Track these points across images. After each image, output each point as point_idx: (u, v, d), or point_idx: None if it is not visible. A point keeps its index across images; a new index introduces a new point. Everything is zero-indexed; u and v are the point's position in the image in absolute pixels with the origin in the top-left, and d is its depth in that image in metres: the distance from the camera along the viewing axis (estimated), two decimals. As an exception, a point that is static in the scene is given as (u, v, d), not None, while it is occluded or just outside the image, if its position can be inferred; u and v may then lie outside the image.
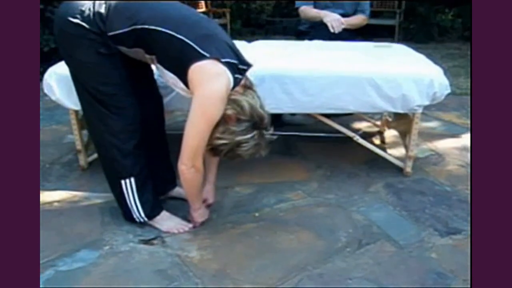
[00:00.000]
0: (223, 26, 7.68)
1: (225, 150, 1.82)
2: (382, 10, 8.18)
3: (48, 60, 4.21)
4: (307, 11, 3.22)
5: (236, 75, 1.79)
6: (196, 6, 7.50)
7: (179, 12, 1.84)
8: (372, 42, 3.07)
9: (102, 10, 1.77)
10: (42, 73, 2.43)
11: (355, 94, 2.30)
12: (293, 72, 2.29)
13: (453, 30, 8.32)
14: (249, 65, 1.89)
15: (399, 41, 7.76)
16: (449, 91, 2.42)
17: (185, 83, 1.76)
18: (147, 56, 1.83)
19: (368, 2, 3.33)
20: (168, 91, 2.29)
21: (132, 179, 1.98)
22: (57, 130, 3.30)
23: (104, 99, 1.86)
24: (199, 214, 2.08)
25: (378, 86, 2.29)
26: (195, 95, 1.73)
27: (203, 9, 7.68)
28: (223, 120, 1.76)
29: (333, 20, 3.07)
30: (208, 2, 8.17)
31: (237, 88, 1.82)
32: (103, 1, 1.79)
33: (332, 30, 3.05)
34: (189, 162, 1.79)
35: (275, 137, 1.87)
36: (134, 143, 1.94)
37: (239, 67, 1.82)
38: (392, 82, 2.30)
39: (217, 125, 1.76)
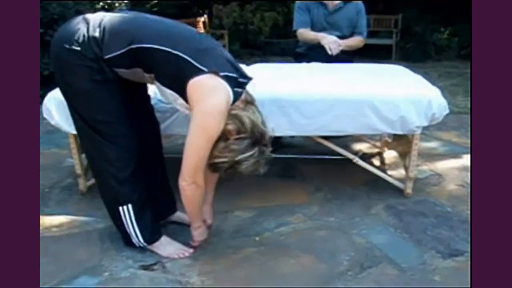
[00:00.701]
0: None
1: (224, 168, 1.80)
2: (379, 30, 8.26)
3: (47, 84, 4.22)
4: (305, 33, 3.25)
5: (236, 89, 1.77)
6: (194, 27, 7.56)
7: (175, 29, 1.84)
8: (370, 64, 3.09)
9: (97, 34, 1.75)
10: (42, 97, 2.44)
11: (354, 116, 2.31)
12: (291, 95, 2.30)
13: (449, 49, 8.40)
14: (249, 78, 1.87)
15: (396, 60, 7.84)
16: (447, 111, 2.42)
17: (185, 99, 1.74)
18: (146, 75, 1.82)
19: (364, 23, 3.36)
20: (167, 115, 2.30)
21: (130, 206, 1.97)
22: (57, 154, 3.30)
23: (100, 127, 1.85)
24: (199, 233, 2.06)
25: (376, 108, 2.30)
26: (194, 111, 1.71)
27: (202, 31, 7.74)
28: (224, 136, 1.74)
29: (331, 42, 3.09)
30: (207, 23, 8.27)
31: (238, 103, 1.80)
32: (97, 25, 1.78)
33: (330, 52, 3.07)
34: (190, 179, 1.78)
35: (273, 155, 1.86)
36: (131, 171, 1.93)
37: (239, 80, 1.81)
38: (390, 104, 2.31)
39: (217, 141, 1.74)
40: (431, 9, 8.54)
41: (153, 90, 2.06)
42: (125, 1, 6.49)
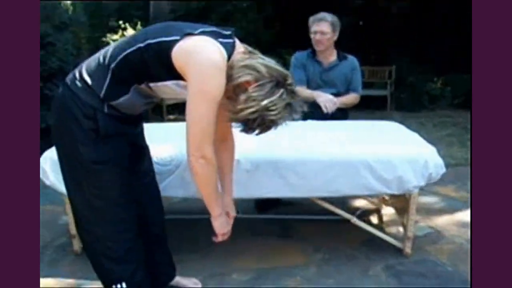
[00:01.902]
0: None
1: (255, 122, 1.59)
2: (374, 81, 8.40)
3: (46, 136, 4.24)
4: (300, 91, 3.28)
5: (221, 40, 1.62)
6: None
7: (140, 32, 1.76)
8: (364, 121, 3.12)
9: (80, 84, 1.68)
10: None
11: (350, 177, 2.30)
12: (287, 157, 2.30)
13: (442, 98, 8.52)
14: (231, 29, 1.71)
15: (391, 110, 7.94)
16: (444, 170, 2.42)
17: (181, 77, 1.61)
18: (143, 87, 1.71)
19: (359, 79, 3.41)
20: (164, 177, 2.29)
21: (124, 284, 1.85)
22: (52, 211, 3.25)
23: (98, 204, 1.76)
24: (220, 223, 1.84)
25: (372, 169, 2.30)
26: (188, 77, 1.57)
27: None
28: (242, 88, 1.58)
29: (326, 100, 3.13)
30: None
31: (240, 54, 1.64)
32: (77, 78, 1.70)
33: (325, 111, 3.10)
34: (197, 152, 1.60)
35: (272, 216, 1.78)
36: (127, 247, 1.83)
37: (220, 32, 1.66)
38: (386, 164, 2.31)
39: (237, 95, 1.59)
40: (423, 59, 8.73)
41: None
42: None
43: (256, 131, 1.65)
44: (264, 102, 1.56)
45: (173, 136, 2.30)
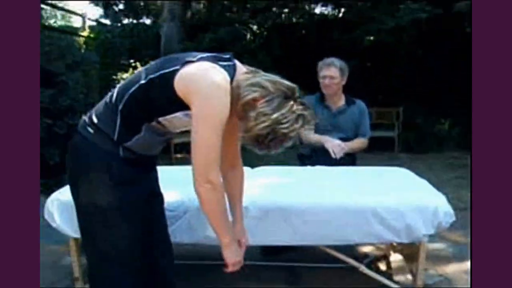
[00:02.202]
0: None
1: (267, 137, 1.58)
2: (381, 123, 8.41)
3: (54, 175, 4.26)
4: (308, 135, 3.31)
5: (222, 63, 1.63)
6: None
7: (141, 69, 1.76)
8: (373, 167, 3.11)
9: (92, 130, 1.70)
10: (44, 185, 2.42)
11: (359, 226, 2.28)
12: (296, 204, 2.29)
13: (450, 139, 8.50)
14: (230, 53, 1.72)
15: (399, 152, 7.93)
16: (454, 219, 2.39)
17: (188, 107, 1.60)
18: (154, 124, 1.70)
19: (368, 124, 3.43)
20: (172, 221, 2.27)
21: None
22: (55, 251, 3.21)
23: (109, 251, 1.74)
24: (231, 251, 1.76)
25: (381, 217, 2.27)
26: (192, 103, 1.56)
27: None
28: (251, 106, 1.58)
29: (334, 145, 3.14)
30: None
31: (244, 75, 1.65)
32: (88, 124, 1.72)
33: (333, 156, 3.11)
34: (202, 177, 1.57)
35: (279, 263, 1.74)
36: None
37: (219, 56, 1.67)
38: (395, 213, 2.29)
39: (246, 113, 1.58)
40: (430, 100, 8.77)
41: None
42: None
43: (270, 148, 1.63)
44: (275, 115, 1.56)
45: (181, 180, 2.30)
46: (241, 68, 1.71)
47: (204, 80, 1.56)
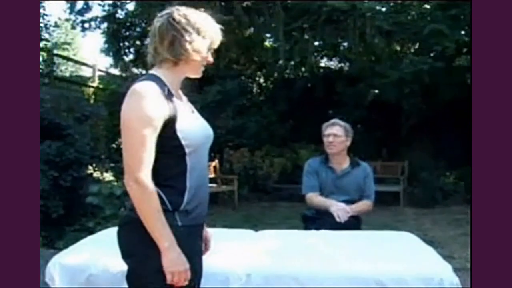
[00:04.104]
0: (231, 192, 7.94)
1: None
2: (386, 177, 8.40)
3: (57, 225, 4.26)
4: (313, 198, 3.31)
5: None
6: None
7: None
8: (378, 231, 3.09)
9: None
10: (46, 237, 2.40)
11: (362, 295, 2.25)
12: (298, 273, 2.26)
13: (456, 193, 8.46)
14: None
15: (404, 206, 7.87)
16: (459, 288, 2.35)
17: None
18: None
19: (372, 186, 3.43)
20: None
21: None
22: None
23: None
24: (170, 260, 1.57)
25: (385, 286, 2.24)
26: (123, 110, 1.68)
27: (212, 175, 7.91)
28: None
29: (339, 209, 3.12)
30: (217, 168, 8.47)
31: None
32: None
33: (338, 220, 3.09)
34: (128, 176, 1.57)
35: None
36: None
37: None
38: (399, 282, 2.25)
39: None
40: (435, 153, 8.79)
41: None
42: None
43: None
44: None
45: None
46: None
47: (129, 97, 1.72)
